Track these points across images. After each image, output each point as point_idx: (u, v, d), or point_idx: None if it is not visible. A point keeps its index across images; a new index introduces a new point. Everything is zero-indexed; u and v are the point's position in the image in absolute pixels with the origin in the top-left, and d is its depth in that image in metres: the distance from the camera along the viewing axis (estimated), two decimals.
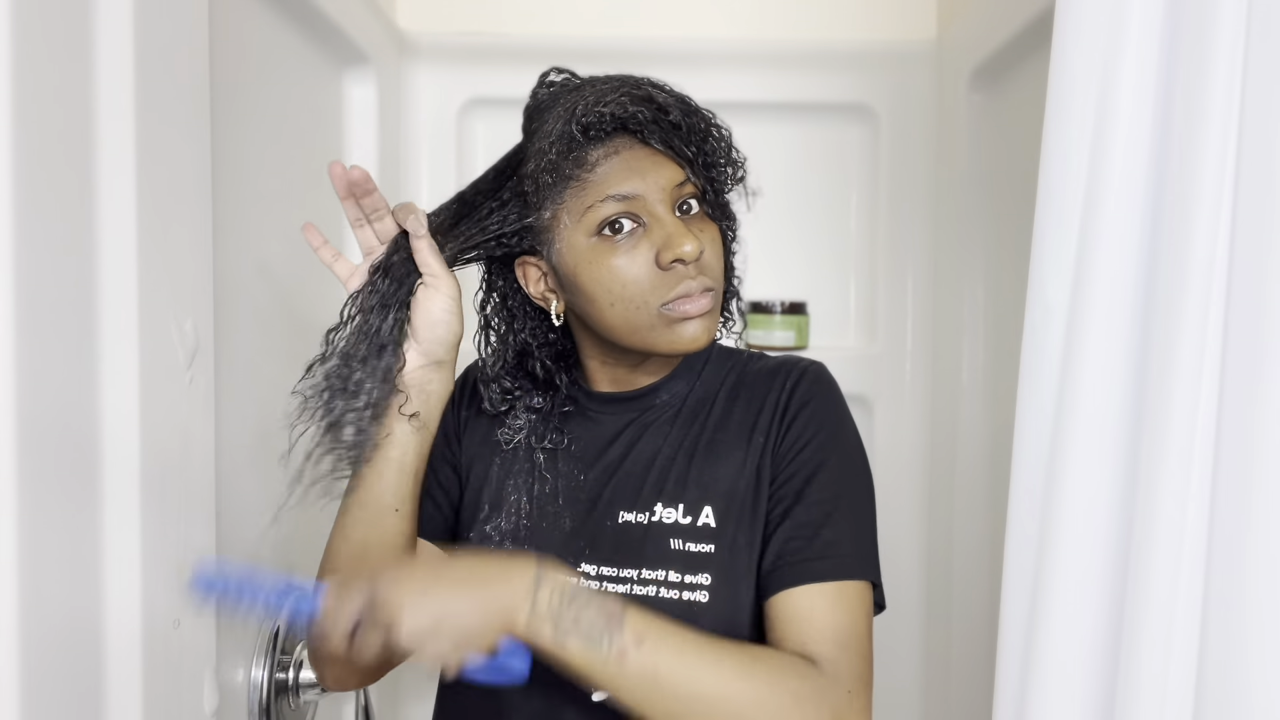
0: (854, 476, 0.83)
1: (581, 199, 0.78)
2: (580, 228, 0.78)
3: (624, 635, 0.69)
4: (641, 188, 0.78)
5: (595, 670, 0.69)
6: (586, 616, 0.69)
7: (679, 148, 0.80)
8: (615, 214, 0.78)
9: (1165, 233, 0.64)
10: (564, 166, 0.78)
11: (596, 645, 0.68)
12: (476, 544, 0.85)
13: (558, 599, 0.69)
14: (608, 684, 0.70)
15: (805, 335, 1.57)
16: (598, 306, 0.79)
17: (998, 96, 1.41)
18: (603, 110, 0.77)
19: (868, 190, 1.61)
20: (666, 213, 0.78)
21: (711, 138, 0.83)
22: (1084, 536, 0.68)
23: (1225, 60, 0.60)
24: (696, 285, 0.78)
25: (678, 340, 0.79)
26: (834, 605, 0.77)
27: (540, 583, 0.69)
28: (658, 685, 0.69)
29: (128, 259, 0.68)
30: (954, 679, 1.50)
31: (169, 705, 0.74)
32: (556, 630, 0.68)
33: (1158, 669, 0.61)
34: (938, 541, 1.56)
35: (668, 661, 0.70)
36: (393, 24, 1.48)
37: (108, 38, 0.67)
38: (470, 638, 0.68)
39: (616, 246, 0.78)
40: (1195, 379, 0.61)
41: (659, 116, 0.78)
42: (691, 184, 0.81)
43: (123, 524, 0.68)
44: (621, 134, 0.79)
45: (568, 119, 0.77)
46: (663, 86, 0.81)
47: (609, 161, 0.78)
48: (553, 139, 0.78)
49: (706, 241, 0.80)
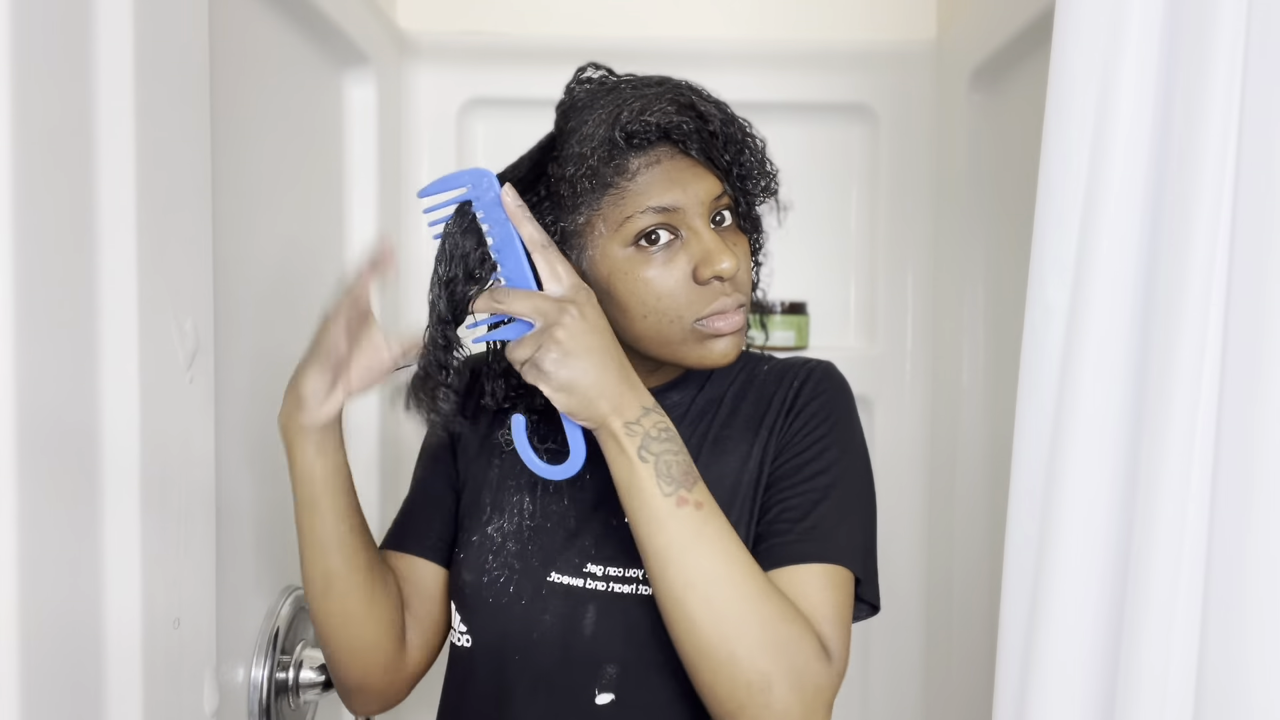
0: (853, 472, 0.83)
1: (620, 208, 0.77)
2: (617, 237, 0.77)
3: (691, 492, 0.72)
4: (682, 200, 0.77)
5: (649, 499, 0.71)
6: (671, 457, 0.73)
7: (718, 158, 0.79)
8: (654, 225, 0.76)
9: (1165, 233, 0.64)
10: (604, 173, 0.76)
11: (666, 480, 0.71)
12: (479, 547, 0.85)
13: (657, 430, 0.73)
14: (650, 517, 0.71)
15: (805, 335, 1.57)
16: (630, 317, 0.78)
17: (998, 96, 1.41)
18: (648, 120, 0.75)
19: (868, 190, 1.61)
20: (704, 226, 0.78)
21: (748, 149, 0.82)
22: (1084, 537, 0.68)
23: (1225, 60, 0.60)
24: (731, 302, 0.78)
25: (708, 355, 0.79)
26: (827, 587, 0.77)
27: (653, 410, 0.74)
28: (692, 548, 0.71)
29: (128, 259, 0.68)
30: (954, 679, 1.50)
31: (169, 705, 0.74)
32: (644, 449, 0.72)
33: (1158, 669, 0.61)
34: (938, 541, 1.56)
35: (712, 535, 0.72)
36: (393, 24, 1.48)
37: (108, 38, 0.67)
38: (585, 391, 0.72)
39: (652, 258, 0.77)
40: (1195, 379, 0.61)
41: (701, 126, 0.77)
42: (728, 196, 0.80)
43: (123, 524, 0.68)
44: (663, 143, 0.77)
45: (611, 124, 0.75)
46: (703, 93, 0.80)
47: (650, 171, 0.77)
48: (594, 144, 0.76)
49: (740, 256, 0.79)
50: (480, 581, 0.84)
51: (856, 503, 0.82)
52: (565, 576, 0.82)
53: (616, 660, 0.80)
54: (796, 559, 0.77)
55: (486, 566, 0.84)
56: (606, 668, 0.80)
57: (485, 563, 0.84)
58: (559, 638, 0.81)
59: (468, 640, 0.84)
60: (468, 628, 0.84)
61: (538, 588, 0.82)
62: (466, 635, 0.84)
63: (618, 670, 0.80)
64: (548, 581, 0.82)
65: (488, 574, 0.84)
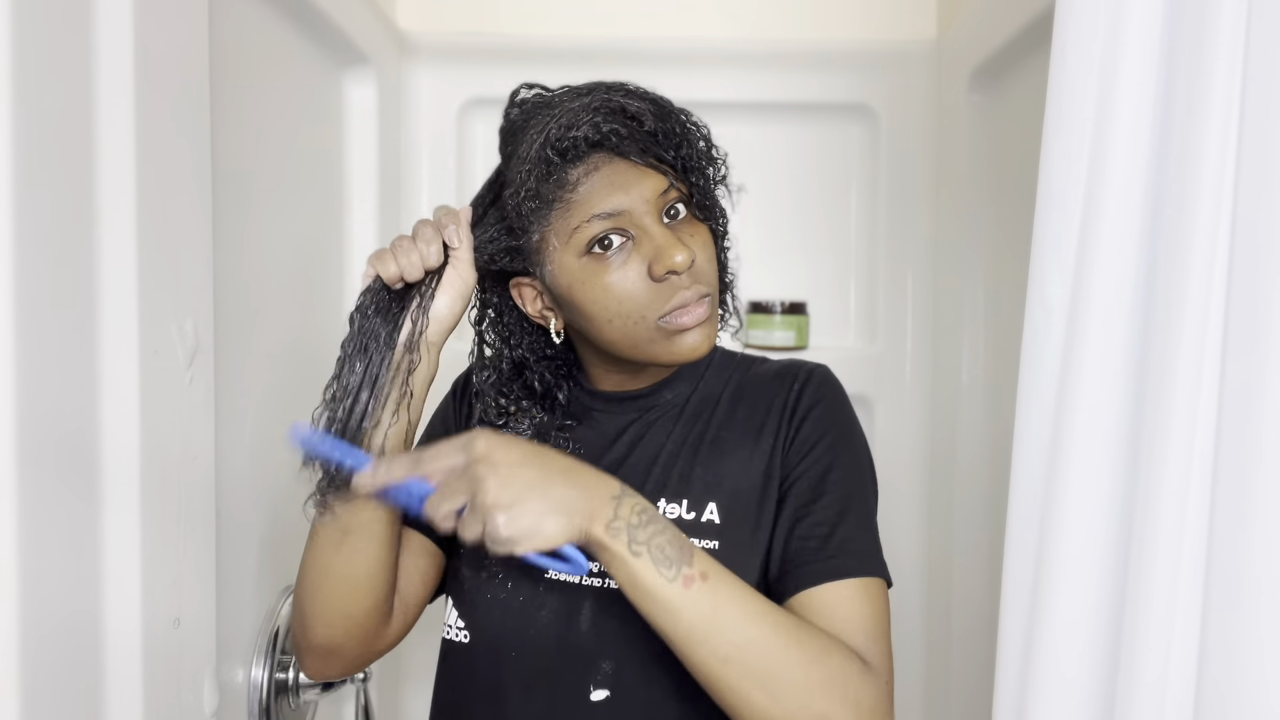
0: (862, 477, 0.83)
1: (567, 220, 0.77)
2: (570, 248, 0.78)
3: (693, 566, 0.70)
4: (626, 202, 0.77)
5: (657, 591, 0.69)
6: (661, 538, 0.70)
7: (660, 155, 0.79)
8: (603, 231, 0.77)
9: (1165, 233, 0.64)
10: (545, 190, 0.77)
11: (665, 565, 0.69)
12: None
13: (637, 516, 0.70)
14: (664, 608, 0.70)
15: (805, 335, 1.57)
16: (596, 324, 0.79)
17: (998, 96, 1.41)
18: (576, 135, 0.76)
19: (868, 190, 1.61)
20: (654, 223, 0.78)
21: (689, 139, 0.82)
22: (1084, 536, 0.68)
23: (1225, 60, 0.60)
24: (692, 294, 0.78)
25: (678, 351, 0.79)
26: (860, 599, 0.77)
27: (624, 495, 0.71)
28: (715, 622, 0.69)
29: (128, 259, 0.68)
30: (954, 679, 1.50)
31: (169, 705, 0.74)
32: (632, 541, 0.69)
33: (1158, 669, 0.61)
34: (938, 541, 1.56)
35: (727, 602, 0.70)
36: (393, 24, 1.48)
37: (108, 38, 0.67)
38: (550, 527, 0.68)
39: (608, 263, 0.77)
40: (1195, 379, 0.61)
41: (634, 129, 0.77)
42: (675, 189, 0.80)
43: (123, 524, 0.68)
44: (599, 150, 0.78)
45: (542, 144, 0.76)
46: (636, 92, 0.80)
47: (590, 179, 0.77)
48: (529, 165, 0.76)
49: (698, 246, 0.79)
50: (478, 578, 0.84)
51: (869, 509, 0.83)
52: (562, 573, 0.82)
53: (612, 656, 0.80)
54: (826, 578, 0.77)
55: (485, 563, 0.84)
56: (602, 664, 0.80)
57: (484, 559, 0.84)
58: (555, 634, 0.81)
59: (465, 636, 0.85)
60: (465, 624, 0.85)
61: (535, 584, 0.83)
62: (464, 631, 0.85)
63: (613, 666, 0.80)
64: (545, 578, 0.83)
65: (486, 570, 0.84)
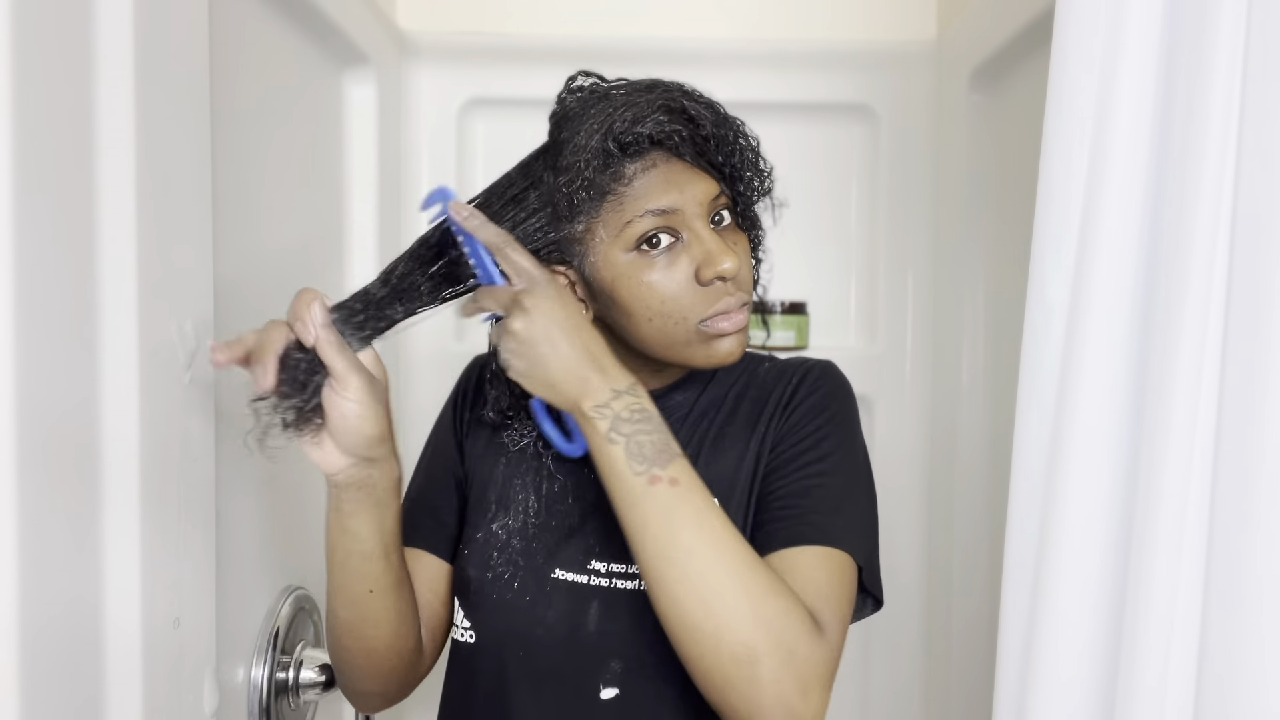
0: (849, 463, 0.83)
1: (619, 213, 0.77)
2: (618, 242, 0.77)
3: (665, 469, 0.70)
4: (679, 201, 0.77)
5: (621, 479, 0.70)
6: (645, 438, 0.71)
7: (713, 160, 0.80)
8: (654, 228, 0.77)
9: (1165, 232, 0.64)
10: (601, 182, 0.77)
11: (637, 461, 0.70)
12: (484, 544, 0.86)
13: (629, 411, 0.71)
14: (623, 496, 0.70)
15: (805, 335, 1.57)
16: (635, 321, 0.79)
17: (998, 96, 1.41)
18: (641, 130, 0.76)
19: (868, 190, 1.61)
20: (704, 227, 0.78)
21: (740, 148, 0.82)
22: (1084, 536, 0.68)
23: (1225, 60, 0.60)
24: (735, 301, 0.78)
25: (714, 355, 0.79)
26: (822, 567, 0.76)
27: (626, 393, 0.72)
28: (667, 522, 0.69)
29: (128, 259, 0.68)
30: (954, 679, 1.50)
31: (169, 705, 0.74)
32: (613, 430, 0.70)
33: (1157, 669, 0.61)
34: (938, 541, 1.56)
35: (688, 511, 0.70)
36: (393, 24, 1.48)
37: (108, 38, 0.67)
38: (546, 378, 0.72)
39: (655, 261, 0.77)
40: (1195, 379, 0.61)
41: (694, 131, 0.78)
42: (725, 196, 0.81)
43: (123, 524, 0.68)
44: (659, 148, 0.78)
45: (604, 135, 0.76)
46: (695, 95, 0.80)
47: (646, 176, 0.77)
48: (588, 155, 0.76)
49: (740, 255, 0.79)
50: (485, 578, 0.84)
51: (853, 492, 0.82)
52: (569, 573, 0.82)
53: (620, 655, 0.80)
54: (792, 541, 0.77)
55: (491, 563, 0.84)
56: (611, 663, 0.80)
57: (490, 559, 0.84)
58: (563, 634, 0.81)
59: (471, 636, 0.85)
60: (471, 624, 0.85)
61: (541, 584, 0.83)
62: (470, 631, 0.85)
63: (622, 665, 0.80)
64: (552, 578, 0.83)
65: (492, 570, 0.84)
